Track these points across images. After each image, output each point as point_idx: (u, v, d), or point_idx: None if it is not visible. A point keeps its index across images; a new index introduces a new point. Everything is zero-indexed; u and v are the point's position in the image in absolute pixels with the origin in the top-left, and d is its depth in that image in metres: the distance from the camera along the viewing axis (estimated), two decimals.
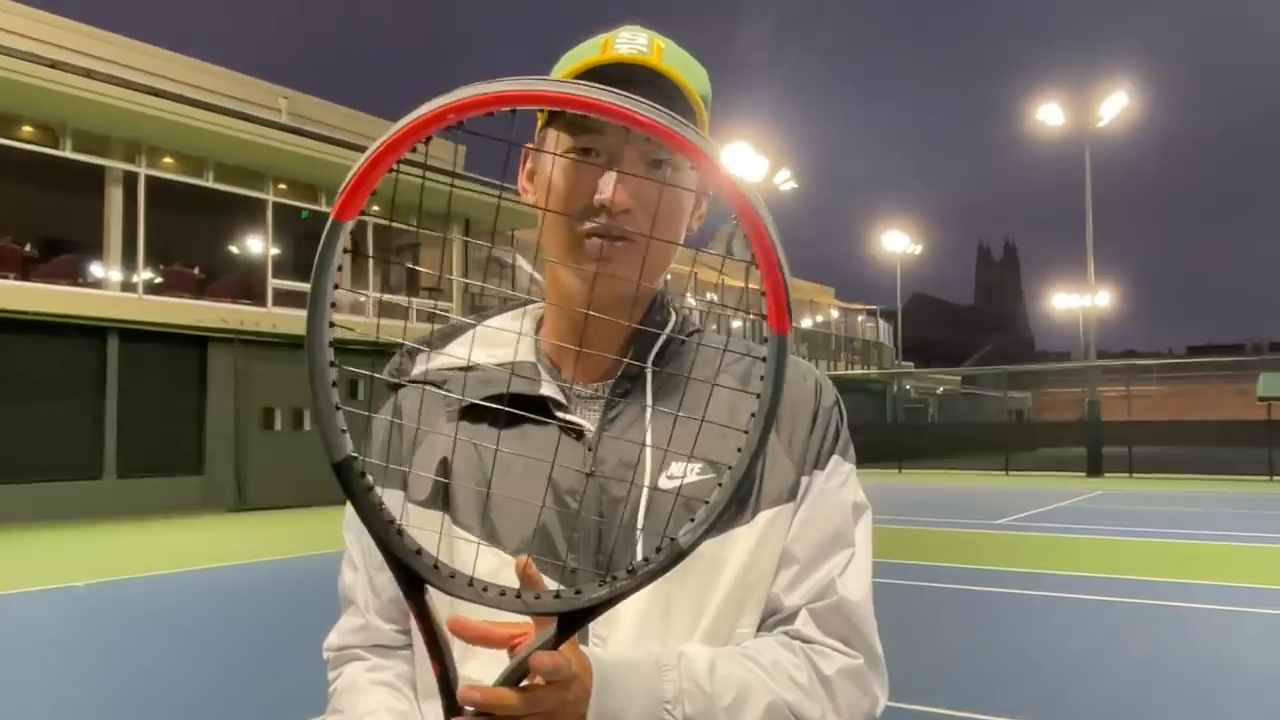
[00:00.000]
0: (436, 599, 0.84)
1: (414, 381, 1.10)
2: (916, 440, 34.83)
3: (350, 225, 0.79)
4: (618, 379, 1.05)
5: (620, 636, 0.96)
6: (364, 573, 1.10)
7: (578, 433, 1.02)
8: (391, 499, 1.02)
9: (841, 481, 1.08)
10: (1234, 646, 6.65)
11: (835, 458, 1.09)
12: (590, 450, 1.01)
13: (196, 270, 19.04)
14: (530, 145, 1.07)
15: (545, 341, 1.10)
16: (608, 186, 0.98)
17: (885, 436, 33.10)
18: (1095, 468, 26.98)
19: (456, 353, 1.10)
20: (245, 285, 18.93)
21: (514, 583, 0.89)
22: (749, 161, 31.19)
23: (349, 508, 1.08)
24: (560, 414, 1.02)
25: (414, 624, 0.96)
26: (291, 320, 18.75)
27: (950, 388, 52.93)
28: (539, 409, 1.02)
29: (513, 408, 1.00)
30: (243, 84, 20.31)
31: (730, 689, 0.92)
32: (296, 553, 11.26)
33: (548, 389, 1.04)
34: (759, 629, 1.03)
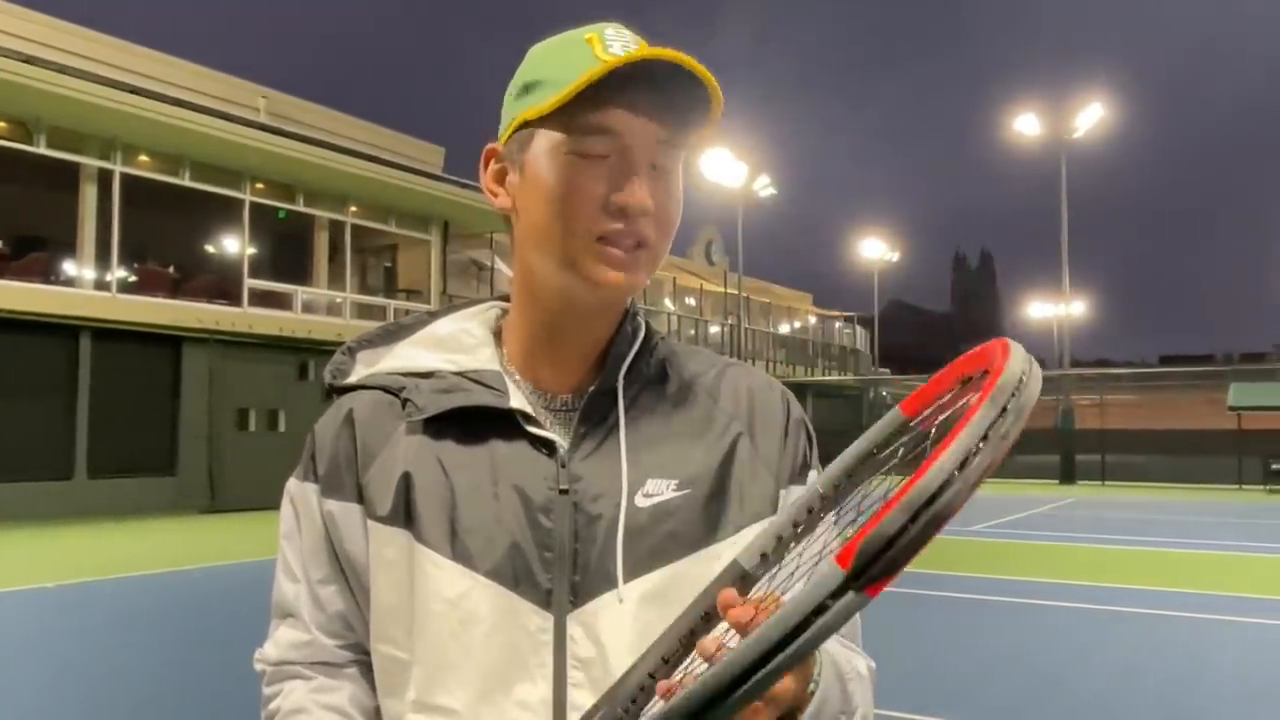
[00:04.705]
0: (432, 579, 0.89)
1: (368, 386, 1.03)
2: None
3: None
4: (592, 393, 0.98)
5: (611, 662, 0.90)
6: (306, 585, 1.02)
7: (549, 448, 0.96)
8: (348, 513, 0.98)
9: None
10: (1205, 653, 6.72)
11: (813, 471, 1.07)
12: (563, 467, 0.95)
13: (171, 269, 18.90)
14: (495, 145, 1.00)
15: (512, 348, 1.03)
16: (633, 187, 0.92)
17: None
18: (1068, 475, 27.20)
19: (408, 355, 1.04)
20: (221, 285, 18.79)
21: (487, 603, 0.90)
22: (728, 167, 31.25)
23: (287, 514, 1.04)
24: (531, 428, 0.96)
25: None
26: (267, 321, 18.63)
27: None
28: (507, 422, 0.97)
29: (479, 420, 0.96)
30: (221, 82, 20.18)
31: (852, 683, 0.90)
32: (270, 555, 11.16)
33: (517, 401, 0.97)
34: None
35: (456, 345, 1.03)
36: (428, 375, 1.01)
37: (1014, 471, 30.41)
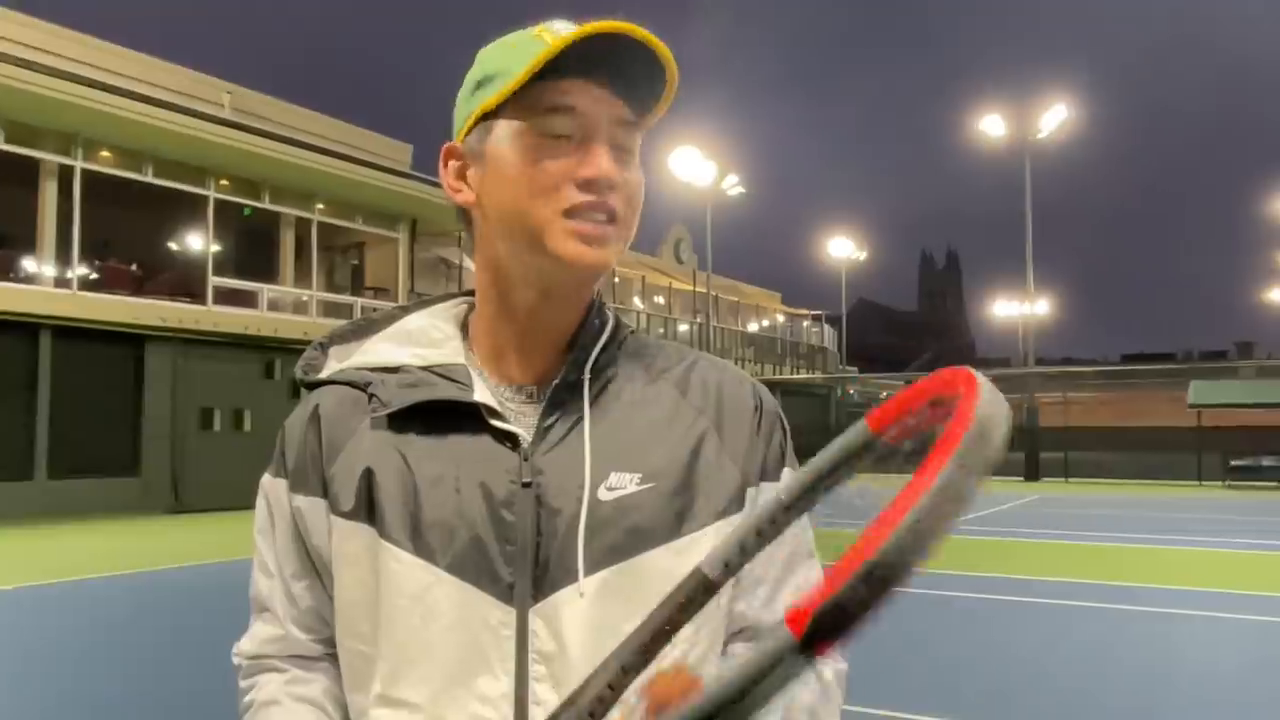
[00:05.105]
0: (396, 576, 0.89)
1: (335, 382, 1.03)
2: None
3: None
4: (556, 385, 0.98)
5: (572, 656, 0.90)
6: (279, 580, 1.03)
7: (512, 441, 0.96)
8: (314, 508, 0.99)
9: None
10: (1169, 647, 6.82)
11: (787, 470, 1.06)
12: (526, 460, 0.95)
13: (134, 267, 18.65)
14: (452, 144, 1.00)
15: (479, 342, 1.04)
16: (598, 159, 0.92)
17: (828, 440, 33.34)
18: (1033, 472, 27.51)
19: (377, 350, 1.04)
20: (185, 283, 18.56)
21: (448, 598, 0.90)
22: (697, 166, 31.31)
23: (261, 510, 1.05)
24: (495, 421, 0.96)
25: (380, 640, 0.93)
26: (232, 319, 18.44)
27: (893, 392, 53.53)
28: (471, 416, 0.96)
29: (443, 414, 0.96)
30: (184, 77, 19.93)
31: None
32: (235, 556, 11.05)
33: (481, 394, 0.97)
34: (724, 645, 1.01)
35: (424, 340, 1.03)
36: (394, 370, 1.01)
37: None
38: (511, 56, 0.93)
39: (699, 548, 0.94)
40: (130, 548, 12.33)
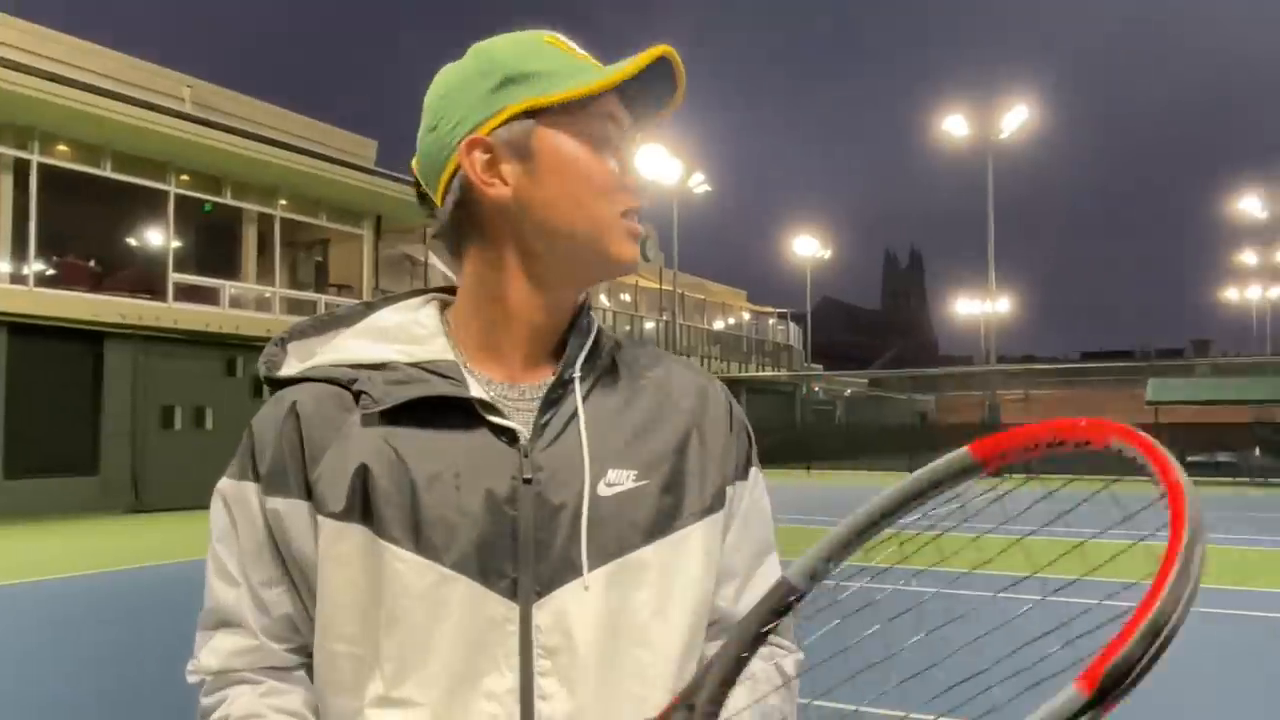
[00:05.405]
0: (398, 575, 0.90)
1: (313, 379, 1.00)
2: (824, 441, 35.48)
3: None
4: (554, 382, 0.99)
5: (578, 650, 0.93)
6: (247, 589, 0.98)
7: (511, 437, 0.96)
8: (294, 510, 0.95)
9: (761, 490, 1.11)
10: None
11: (754, 468, 1.10)
12: (526, 456, 0.95)
13: (92, 263, 18.37)
14: (477, 136, 0.97)
15: (465, 339, 1.03)
16: (638, 167, 1.02)
17: (794, 437, 33.65)
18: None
19: (354, 347, 1.01)
20: (145, 279, 18.32)
21: (454, 595, 0.91)
22: (663, 164, 31.36)
23: (220, 517, 1.00)
24: (492, 417, 0.96)
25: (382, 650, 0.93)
26: (193, 316, 18.22)
27: (857, 390, 53.98)
28: (466, 412, 0.96)
29: (437, 411, 0.95)
30: (144, 71, 19.66)
31: None
32: (197, 556, 10.93)
33: (476, 390, 0.97)
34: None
35: (406, 336, 1.02)
36: (378, 367, 0.99)
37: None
38: (548, 60, 0.98)
39: (689, 543, 0.99)
40: (90, 548, 12.17)
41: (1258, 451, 26.47)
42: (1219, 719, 5.23)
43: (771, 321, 48.37)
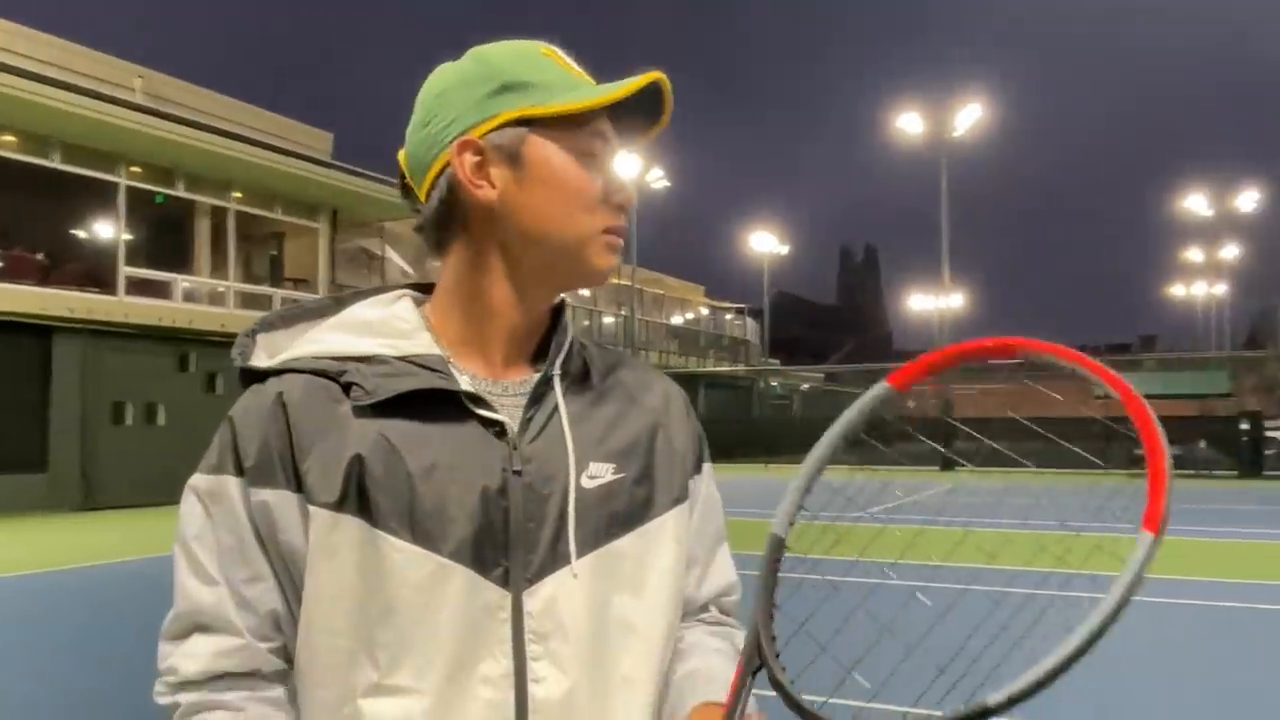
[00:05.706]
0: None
1: (300, 370, 0.99)
2: (782, 435, 35.68)
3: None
4: (539, 379, 1.03)
5: (569, 635, 0.97)
6: (227, 588, 0.95)
7: (499, 431, 0.99)
8: (283, 501, 0.95)
9: (713, 482, 1.19)
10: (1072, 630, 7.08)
11: (706, 463, 1.17)
12: (515, 449, 0.98)
13: (40, 256, 17.98)
14: (470, 138, 1.00)
15: (448, 335, 1.05)
16: (627, 185, 1.05)
17: (751, 432, 33.83)
18: (948, 462, 28.22)
19: (335, 339, 1.02)
20: (95, 272, 17.96)
21: (451, 584, 0.94)
22: (622, 159, 31.34)
23: (194, 514, 0.97)
24: (481, 410, 0.99)
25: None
26: (145, 310, 17.92)
27: (814, 384, 54.39)
28: (455, 405, 0.98)
29: (427, 403, 0.97)
30: (93, 60, 19.30)
31: None
32: (149, 553, 10.79)
33: (466, 384, 1.00)
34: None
35: (390, 330, 1.03)
36: (366, 360, 1.00)
37: (894, 459, 31.43)
38: (546, 72, 1.01)
39: (662, 532, 1.06)
40: (40, 547, 11.93)
41: (1203, 444, 27.09)
42: (1157, 706, 5.36)
43: (729, 316, 48.60)
